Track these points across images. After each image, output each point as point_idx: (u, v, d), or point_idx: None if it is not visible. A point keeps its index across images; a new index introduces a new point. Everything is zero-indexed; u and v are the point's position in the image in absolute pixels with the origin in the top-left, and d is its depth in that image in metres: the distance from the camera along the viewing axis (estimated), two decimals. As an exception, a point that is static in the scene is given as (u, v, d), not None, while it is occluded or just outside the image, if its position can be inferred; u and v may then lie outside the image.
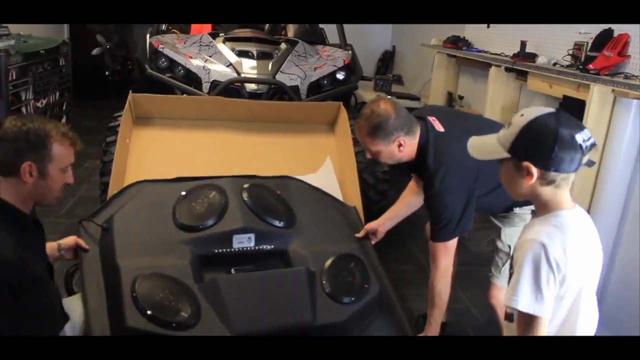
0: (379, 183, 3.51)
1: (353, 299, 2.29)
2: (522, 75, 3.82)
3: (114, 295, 2.02)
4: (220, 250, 2.31)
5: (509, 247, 2.40)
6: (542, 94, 3.59)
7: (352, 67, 4.01)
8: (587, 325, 1.53)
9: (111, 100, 6.32)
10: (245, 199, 2.41)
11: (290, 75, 3.68)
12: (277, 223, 2.41)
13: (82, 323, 2.02)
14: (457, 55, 4.93)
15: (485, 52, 4.43)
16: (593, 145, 1.39)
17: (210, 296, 2.07)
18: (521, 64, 3.65)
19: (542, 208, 1.46)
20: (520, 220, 2.35)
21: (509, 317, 1.60)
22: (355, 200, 2.81)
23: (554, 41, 3.56)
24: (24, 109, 4.46)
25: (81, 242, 2.18)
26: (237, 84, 3.57)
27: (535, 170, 1.39)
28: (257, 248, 2.37)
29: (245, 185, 2.49)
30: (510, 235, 2.39)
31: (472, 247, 3.55)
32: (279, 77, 3.65)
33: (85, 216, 2.35)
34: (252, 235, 2.34)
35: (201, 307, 2.04)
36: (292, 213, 2.48)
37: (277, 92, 3.66)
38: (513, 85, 4.01)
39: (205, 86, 3.60)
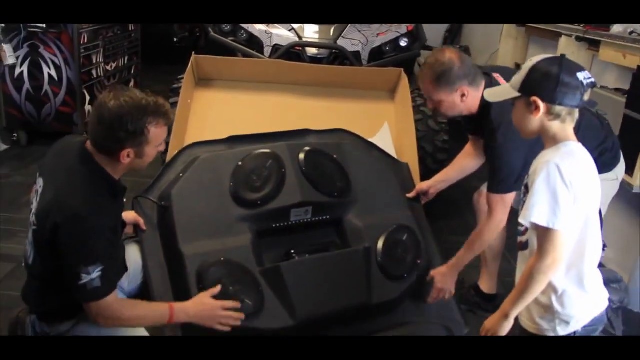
0: (437, 152, 3.46)
1: (406, 275, 2.30)
2: (594, 45, 3.64)
3: (180, 285, 2.06)
4: (277, 225, 2.32)
5: None
6: (615, 65, 3.42)
7: (415, 34, 3.94)
8: (595, 249, 1.60)
9: (179, 65, 6.45)
10: (303, 168, 2.38)
11: (352, 41, 3.65)
12: (334, 194, 2.40)
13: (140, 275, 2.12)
14: (526, 25, 4.75)
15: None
16: (593, 83, 1.53)
17: (273, 282, 2.11)
18: (594, 33, 3.48)
19: (551, 141, 1.57)
20: None
21: (523, 246, 1.65)
22: (413, 168, 2.78)
23: (632, 9, 3.37)
24: (94, 72, 4.61)
25: (140, 221, 2.19)
26: (298, 48, 3.58)
27: (542, 104, 1.52)
28: (313, 220, 2.38)
29: (303, 151, 2.44)
30: None
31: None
32: (341, 42, 3.63)
33: (144, 179, 2.35)
34: (310, 209, 2.35)
35: (264, 294, 2.08)
36: (348, 180, 2.46)
37: (338, 57, 3.64)
38: (584, 55, 3.82)
39: (267, 50, 3.62)
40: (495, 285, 2.78)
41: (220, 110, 3.09)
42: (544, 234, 1.50)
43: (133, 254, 2.11)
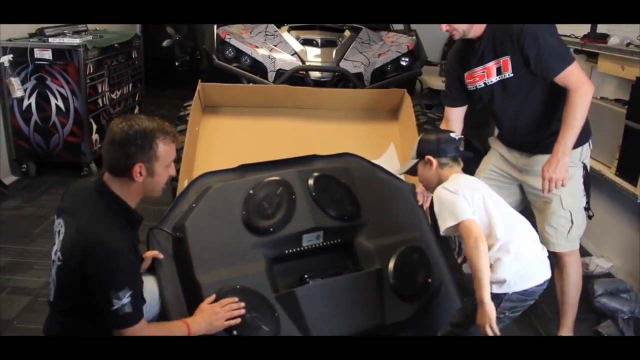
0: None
1: (418, 295, 2.33)
2: (593, 57, 3.68)
3: None
4: (290, 251, 2.36)
5: (570, 212, 2.44)
6: (614, 76, 3.47)
7: (416, 53, 3.99)
8: (521, 226, 2.04)
9: (181, 89, 6.53)
10: (313, 194, 2.42)
11: (354, 62, 3.70)
12: (344, 217, 2.43)
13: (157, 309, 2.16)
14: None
15: (555, 33, 4.29)
16: (461, 139, 2.15)
17: (288, 307, 2.14)
18: (591, 46, 3.53)
19: (445, 180, 2.08)
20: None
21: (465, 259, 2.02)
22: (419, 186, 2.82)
23: (629, 20, 3.42)
24: (100, 101, 4.68)
25: (158, 254, 2.20)
26: (301, 72, 3.63)
27: (433, 160, 2.10)
28: (325, 244, 2.42)
29: (312, 177, 2.48)
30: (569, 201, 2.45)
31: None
32: (343, 64, 3.68)
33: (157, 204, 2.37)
34: (321, 233, 2.39)
35: (280, 319, 2.11)
36: (357, 203, 2.50)
37: (341, 79, 3.69)
38: (583, 67, 3.82)
39: (271, 75, 3.67)
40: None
41: (227, 136, 3.15)
42: (458, 229, 1.93)
43: (150, 285, 2.14)
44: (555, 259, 2.54)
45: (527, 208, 2.62)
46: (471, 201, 1.95)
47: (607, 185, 3.29)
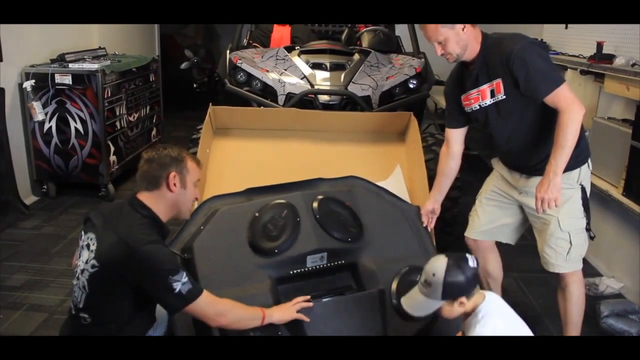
0: (449, 190, 3.53)
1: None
2: (600, 77, 3.71)
3: (203, 330, 2.14)
4: (294, 271, 2.42)
5: (569, 234, 2.46)
6: (621, 96, 3.49)
7: (423, 76, 4.04)
8: None
9: (199, 111, 6.67)
10: (317, 216, 2.48)
11: (362, 86, 3.76)
12: (347, 239, 2.48)
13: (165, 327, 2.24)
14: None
15: (563, 54, 4.34)
16: (475, 258, 1.99)
17: (291, 327, 2.19)
18: (597, 66, 3.56)
19: (472, 310, 2.01)
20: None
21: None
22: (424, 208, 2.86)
23: (635, 41, 3.45)
24: (118, 123, 4.82)
25: None
26: (310, 95, 3.70)
27: (464, 299, 1.96)
28: (329, 265, 2.47)
29: (316, 200, 2.54)
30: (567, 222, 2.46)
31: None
32: (351, 87, 3.74)
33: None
34: (325, 254, 2.44)
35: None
36: (361, 225, 2.55)
37: (349, 102, 3.75)
38: (591, 87, 3.90)
39: (281, 98, 3.75)
40: None
41: (237, 158, 3.23)
42: None
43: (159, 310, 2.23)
44: (557, 280, 2.57)
45: (531, 228, 2.65)
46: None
47: (615, 205, 3.30)
